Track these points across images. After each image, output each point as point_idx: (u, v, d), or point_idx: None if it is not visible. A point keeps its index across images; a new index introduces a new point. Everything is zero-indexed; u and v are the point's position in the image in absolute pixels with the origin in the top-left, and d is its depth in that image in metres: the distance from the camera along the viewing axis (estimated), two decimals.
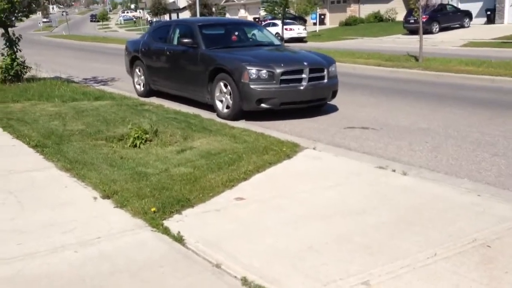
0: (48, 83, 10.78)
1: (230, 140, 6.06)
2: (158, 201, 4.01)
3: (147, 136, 5.97)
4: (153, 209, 3.83)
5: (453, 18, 32.68)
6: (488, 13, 33.32)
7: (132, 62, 10.55)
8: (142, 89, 10.27)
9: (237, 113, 7.72)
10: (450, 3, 35.16)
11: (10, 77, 10.85)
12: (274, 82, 7.50)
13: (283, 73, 7.53)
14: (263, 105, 7.56)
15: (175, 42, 9.28)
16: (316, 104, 8.19)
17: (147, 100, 9.44)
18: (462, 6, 34.65)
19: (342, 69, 10.38)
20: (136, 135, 5.84)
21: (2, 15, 10.54)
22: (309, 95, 7.80)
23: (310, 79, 7.73)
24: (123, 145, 5.86)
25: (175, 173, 4.77)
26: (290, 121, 7.76)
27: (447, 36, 28.88)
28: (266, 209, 4.01)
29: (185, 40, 8.62)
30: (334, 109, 8.61)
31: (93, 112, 7.78)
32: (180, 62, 9.01)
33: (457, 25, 32.61)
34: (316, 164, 5.28)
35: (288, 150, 5.59)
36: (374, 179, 4.72)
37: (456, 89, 10.98)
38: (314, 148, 5.78)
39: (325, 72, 7.99)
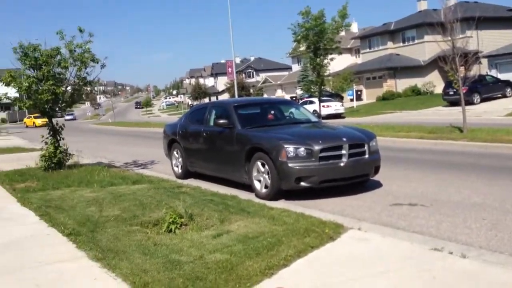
0: (89, 169, 10.91)
1: (269, 222, 5.72)
2: None
3: (182, 220, 5.73)
4: None
5: (494, 88, 32.25)
6: None
7: (170, 145, 10.62)
8: (180, 171, 10.23)
9: (276, 193, 7.43)
10: (489, 73, 34.85)
11: (53, 164, 11.06)
12: (313, 159, 7.24)
13: (322, 150, 7.28)
14: (302, 183, 7.26)
15: (211, 123, 9.30)
16: (358, 181, 7.81)
17: (184, 182, 9.33)
18: (502, 76, 34.24)
19: (382, 143, 10.04)
20: (171, 220, 5.61)
21: (46, 106, 10.99)
22: (350, 171, 7.46)
23: (350, 155, 7.43)
24: (158, 230, 5.63)
25: (210, 260, 4.46)
26: (332, 199, 7.37)
27: (490, 106, 28.29)
28: None
29: (221, 121, 8.61)
30: (377, 185, 8.19)
31: (130, 197, 7.67)
32: (217, 143, 8.96)
33: (499, 95, 32.07)
34: (362, 246, 4.83)
35: (331, 232, 5.20)
36: (429, 263, 4.23)
37: (506, 160, 10.37)
38: (359, 229, 5.36)
39: (366, 148, 7.69)
